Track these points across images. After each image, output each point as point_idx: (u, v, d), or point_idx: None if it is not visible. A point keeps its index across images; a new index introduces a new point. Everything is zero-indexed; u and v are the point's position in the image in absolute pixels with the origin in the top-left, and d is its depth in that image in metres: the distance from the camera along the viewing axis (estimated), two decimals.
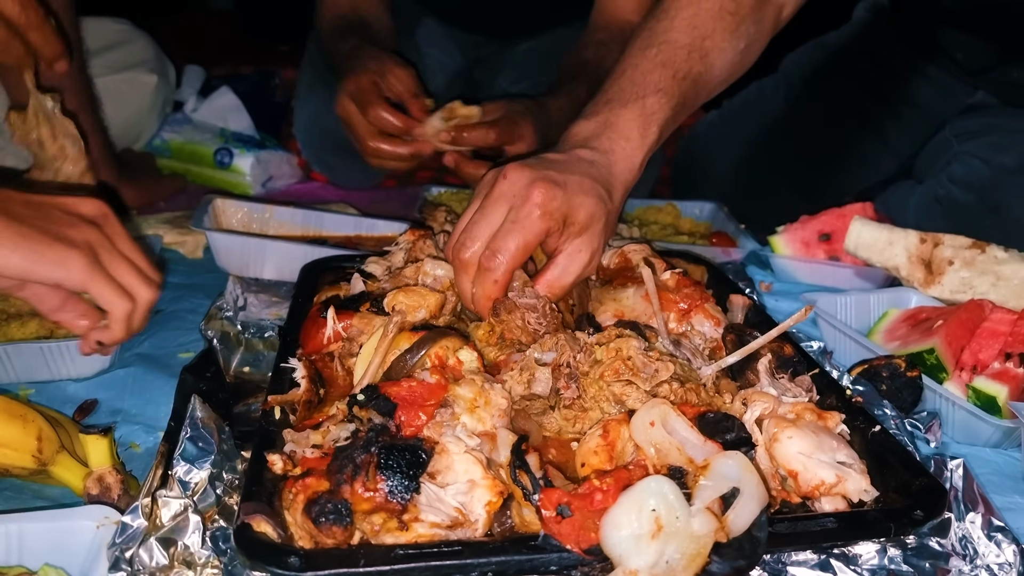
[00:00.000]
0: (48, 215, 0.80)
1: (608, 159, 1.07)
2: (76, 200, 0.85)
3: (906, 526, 0.77)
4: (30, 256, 0.77)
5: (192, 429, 0.83)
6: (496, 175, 1.01)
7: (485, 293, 0.99)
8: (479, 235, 0.98)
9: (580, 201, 1.00)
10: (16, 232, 0.76)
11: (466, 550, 0.70)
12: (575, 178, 1.01)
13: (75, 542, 0.74)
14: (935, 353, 1.14)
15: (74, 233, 0.81)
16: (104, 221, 0.86)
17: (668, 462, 0.75)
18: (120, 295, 0.83)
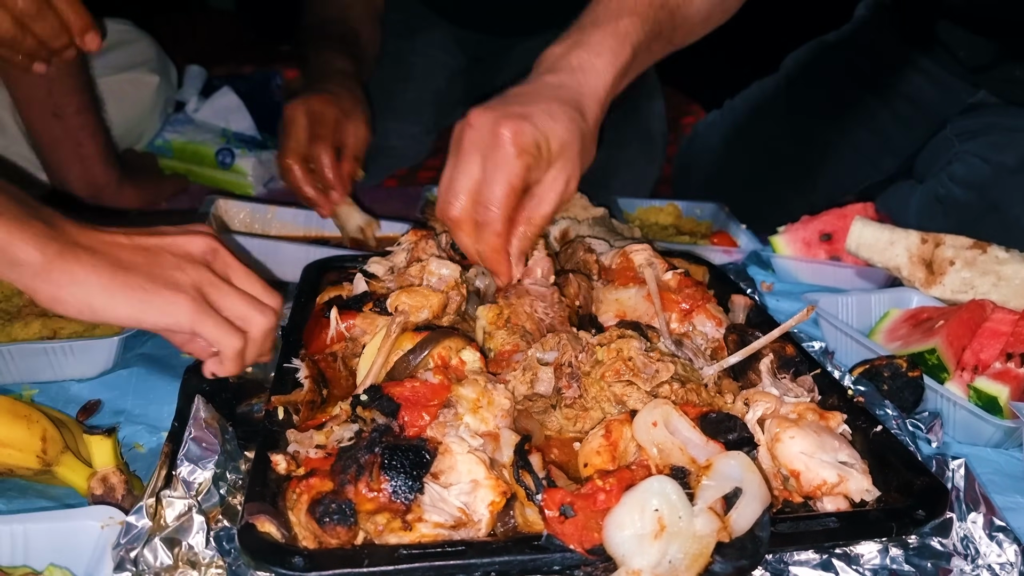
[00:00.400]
0: (156, 260, 0.81)
1: (577, 78, 1.04)
2: (184, 239, 0.85)
3: (908, 526, 0.77)
4: (137, 306, 0.78)
5: (196, 429, 0.83)
6: (462, 127, 0.99)
7: (491, 247, 0.99)
8: (461, 189, 0.98)
9: (550, 128, 0.98)
10: (123, 282, 0.78)
11: (470, 550, 0.70)
12: (541, 107, 0.99)
13: (80, 542, 0.74)
14: (936, 353, 1.14)
15: (181, 277, 0.81)
16: (214, 257, 0.87)
17: (670, 462, 0.76)
18: (228, 332, 0.83)
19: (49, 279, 0.76)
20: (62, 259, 0.76)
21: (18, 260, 0.75)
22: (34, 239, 0.75)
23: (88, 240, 0.79)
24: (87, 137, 1.70)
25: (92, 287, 0.77)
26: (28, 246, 0.75)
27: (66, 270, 0.76)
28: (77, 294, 0.77)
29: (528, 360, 0.95)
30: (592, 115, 1.04)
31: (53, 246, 0.76)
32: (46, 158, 1.73)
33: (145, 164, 2.01)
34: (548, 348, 0.96)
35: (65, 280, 0.76)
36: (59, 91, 1.64)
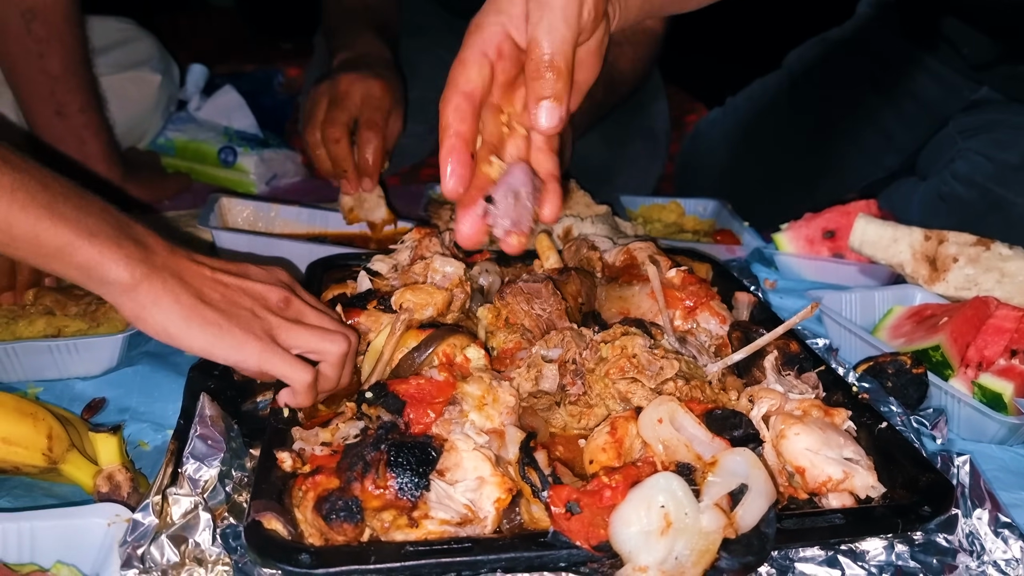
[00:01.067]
0: (233, 299, 0.85)
1: None
2: (263, 288, 0.88)
3: (913, 522, 0.77)
4: (211, 340, 0.82)
5: (201, 427, 0.84)
6: None
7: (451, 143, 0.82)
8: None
9: None
10: (201, 315, 0.81)
11: (476, 547, 0.70)
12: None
13: (87, 540, 0.74)
14: (940, 350, 1.14)
15: (253, 320, 0.85)
16: (287, 305, 0.90)
17: (676, 459, 0.76)
18: (296, 367, 0.86)
19: (135, 299, 0.80)
20: (149, 282, 0.80)
21: (108, 279, 0.79)
22: (125, 260, 0.78)
23: (176, 265, 0.83)
24: (90, 136, 1.70)
25: (173, 314, 0.81)
26: (119, 267, 0.78)
27: (151, 293, 0.80)
28: (157, 317, 0.80)
29: (532, 358, 0.95)
30: None
31: (142, 268, 0.79)
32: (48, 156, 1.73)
33: (148, 162, 2.01)
34: (552, 345, 0.96)
35: (149, 302, 0.80)
36: (62, 89, 1.64)
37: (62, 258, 0.77)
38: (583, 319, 1.09)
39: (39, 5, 1.55)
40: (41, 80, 1.61)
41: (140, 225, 0.84)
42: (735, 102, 2.26)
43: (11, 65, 1.59)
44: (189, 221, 1.60)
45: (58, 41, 1.60)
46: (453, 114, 0.81)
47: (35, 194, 0.75)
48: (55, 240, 0.76)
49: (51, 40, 1.59)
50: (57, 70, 1.62)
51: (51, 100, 1.64)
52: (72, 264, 0.78)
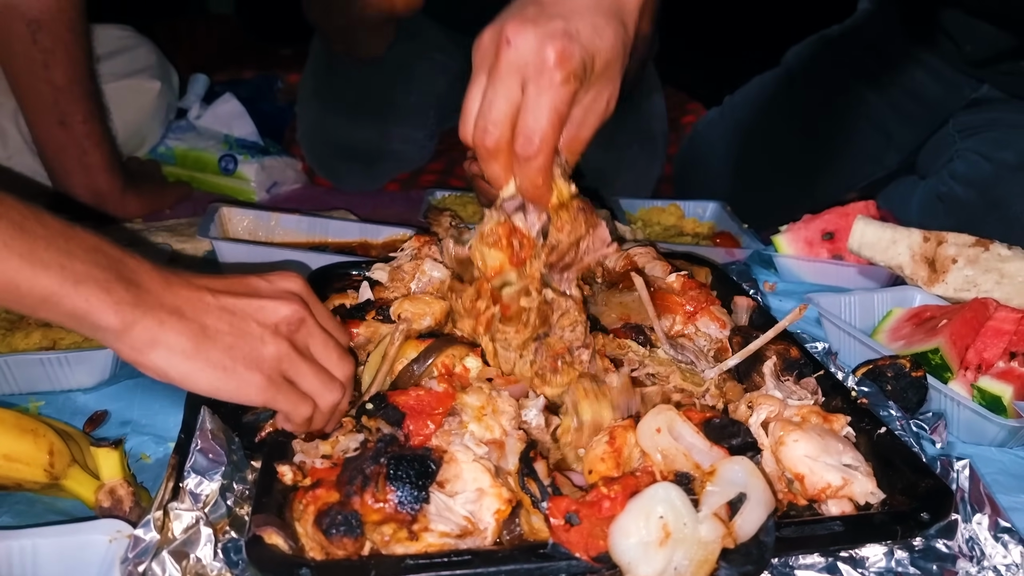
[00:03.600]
0: (240, 329, 0.80)
1: None
2: (273, 306, 0.83)
3: (913, 528, 0.78)
4: (215, 381, 0.78)
5: (202, 441, 0.84)
6: (496, 40, 0.86)
7: (533, 183, 0.89)
8: (500, 117, 0.87)
9: (597, 46, 0.87)
10: (205, 356, 0.77)
11: (476, 559, 0.70)
12: (587, 20, 0.87)
13: (88, 556, 0.74)
14: (940, 353, 1.14)
15: (261, 352, 0.81)
16: (299, 327, 0.85)
17: (675, 468, 0.76)
18: (297, 405, 0.83)
19: (130, 344, 0.75)
20: (143, 324, 0.75)
21: (100, 326, 0.74)
22: (115, 306, 0.74)
23: (173, 299, 0.78)
24: (92, 146, 1.70)
25: (174, 355, 0.76)
26: (108, 314, 0.74)
27: (147, 336, 0.75)
28: (157, 359, 0.76)
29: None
30: (632, 23, 0.92)
31: (134, 312, 0.75)
32: (50, 166, 1.73)
33: (148, 171, 2.02)
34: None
35: (145, 346, 0.76)
36: (66, 99, 1.64)
37: (48, 308, 0.73)
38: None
39: (45, 16, 1.56)
40: (45, 90, 1.62)
41: (134, 259, 0.78)
42: (733, 101, 2.25)
43: (15, 75, 1.60)
44: (189, 230, 1.60)
45: (63, 52, 1.60)
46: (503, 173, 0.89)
47: (11, 241, 0.69)
48: (38, 291, 0.71)
49: (56, 51, 1.59)
50: (61, 81, 1.62)
51: (54, 110, 1.64)
52: (60, 313, 0.73)
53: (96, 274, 0.74)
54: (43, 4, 1.55)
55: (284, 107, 2.56)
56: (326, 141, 2.02)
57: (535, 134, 0.85)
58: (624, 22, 0.90)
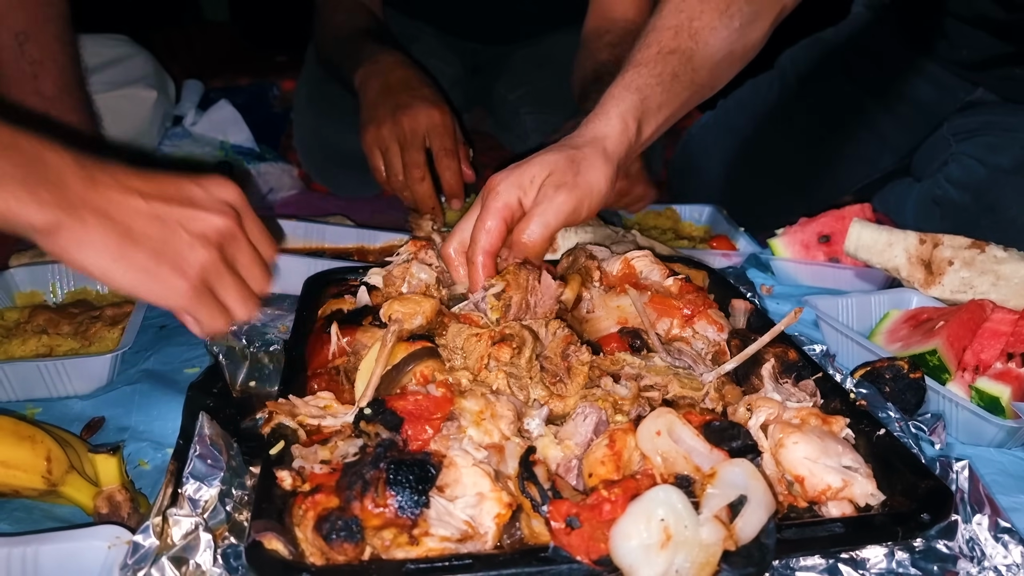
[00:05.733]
0: (168, 235, 0.81)
1: (581, 127, 1.13)
2: (205, 217, 0.84)
3: (913, 529, 0.78)
4: (139, 282, 0.80)
5: (200, 446, 0.83)
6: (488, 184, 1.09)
7: (473, 283, 1.06)
8: (457, 230, 1.10)
9: (532, 162, 1.06)
10: (130, 258, 0.79)
11: (476, 563, 0.70)
12: (536, 156, 1.08)
13: (87, 562, 0.74)
14: (937, 354, 1.14)
15: (188, 259, 0.82)
16: (230, 239, 0.87)
17: (675, 471, 0.76)
18: (215, 317, 0.86)
19: (56, 243, 0.77)
20: (68, 225, 0.76)
21: (27, 227, 0.75)
22: (38, 206, 0.74)
23: (99, 200, 0.78)
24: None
25: (99, 254, 0.78)
26: (33, 214, 0.74)
27: (72, 236, 0.76)
28: (81, 259, 0.78)
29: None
30: (591, 148, 1.10)
31: (58, 212, 0.75)
32: None
33: None
34: None
35: (72, 245, 0.77)
36: (57, 110, 1.64)
37: None
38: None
39: (32, 27, 1.56)
40: (35, 101, 1.62)
41: (55, 153, 0.78)
42: (726, 105, 2.25)
43: (5, 87, 1.60)
44: None
45: (51, 62, 1.61)
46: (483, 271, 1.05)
47: None
48: None
49: (44, 61, 1.59)
50: (51, 91, 1.62)
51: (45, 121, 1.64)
52: None
53: (16, 174, 0.74)
54: (30, 15, 1.56)
55: (280, 113, 2.57)
56: (322, 147, 2.02)
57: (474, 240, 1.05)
58: (578, 147, 1.10)
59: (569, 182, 1.06)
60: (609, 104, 1.14)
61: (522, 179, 1.06)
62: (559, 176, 1.06)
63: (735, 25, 1.21)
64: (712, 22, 1.19)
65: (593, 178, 1.08)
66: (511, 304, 1.02)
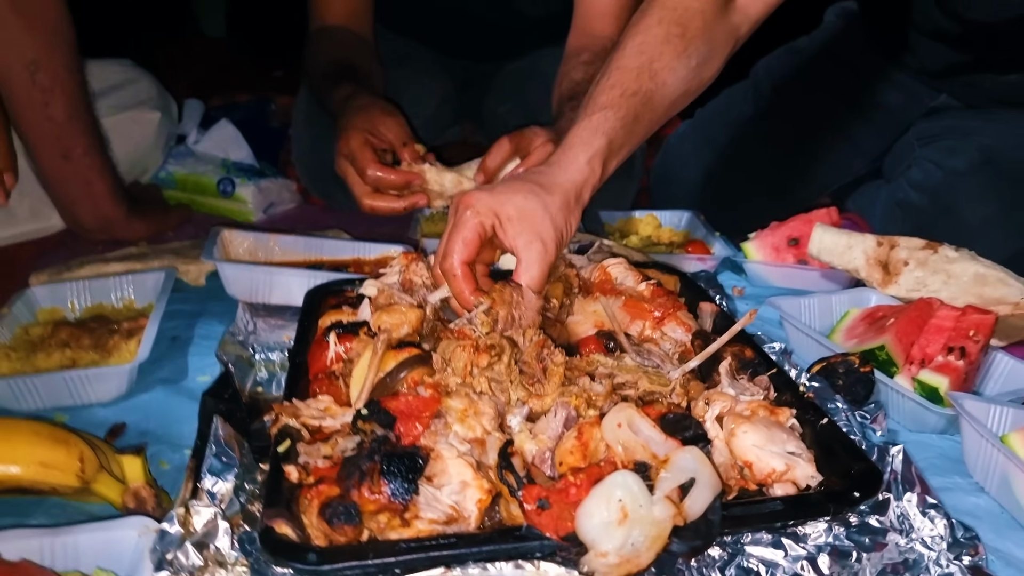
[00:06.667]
0: None
1: (551, 168, 1.20)
2: None
3: (844, 506, 0.88)
4: None
5: (216, 446, 0.94)
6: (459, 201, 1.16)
7: (455, 292, 1.14)
8: (437, 252, 1.17)
9: (507, 197, 1.13)
10: None
11: (461, 542, 0.80)
12: (507, 184, 1.17)
13: (120, 549, 0.84)
14: (885, 349, 1.24)
15: None
16: None
17: (635, 458, 0.86)
18: None
19: None
20: None
21: None
22: None
23: None
24: (95, 176, 1.80)
25: None
26: None
27: None
28: None
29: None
30: (561, 194, 1.17)
31: None
32: (58, 197, 1.83)
33: (151, 196, 2.12)
34: None
35: None
36: (67, 135, 1.73)
37: None
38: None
39: (42, 57, 1.65)
40: (47, 127, 1.71)
41: None
42: (703, 114, 2.35)
43: (18, 114, 1.69)
44: (193, 252, 1.69)
45: (61, 89, 1.70)
46: (463, 281, 1.13)
47: None
48: None
49: (54, 89, 1.68)
50: (61, 117, 1.71)
51: (57, 145, 1.73)
52: None
53: None
54: (39, 46, 1.64)
55: (277, 128, 2.67)
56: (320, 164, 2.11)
57: (447, 253, 1.14)
58: (547, 189, 1.17)
59: (546, 235, 1.14)
60: (579, 149, 1.20)
61: (500, 211, 1.13)
62: (535, 225, 1.13)
63: (692, 64, 1.27)
64: (671, 63, 1.25)
65: (563, 227, 1.17)
66: (498, 319, 1.11)
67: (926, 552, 0.89)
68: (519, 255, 1.14)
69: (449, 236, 1.14)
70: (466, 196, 1.15)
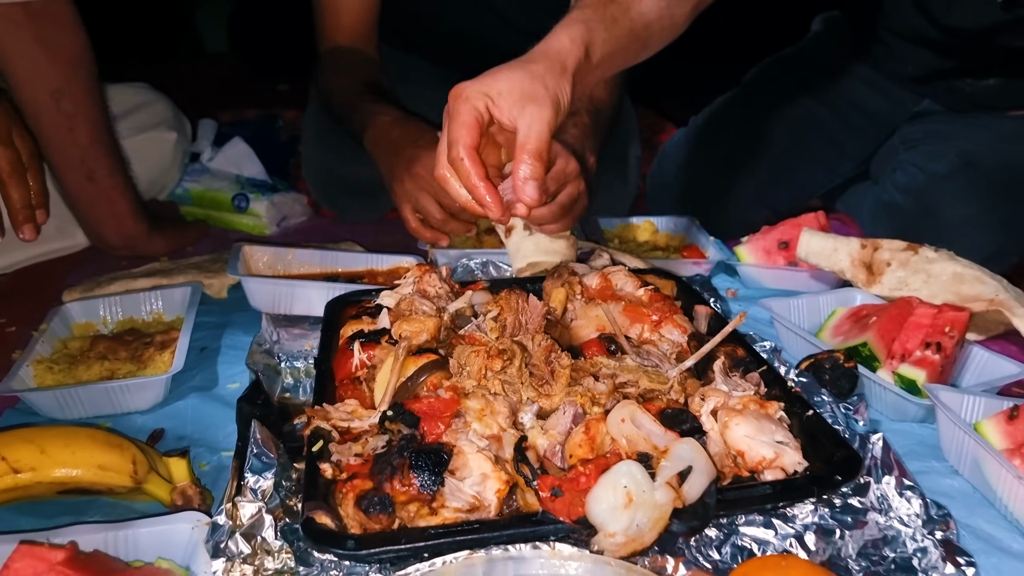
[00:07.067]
0: None
1: (533, 51, 1.17)
2: None
3: (827, 488, 0.97)
4: None
5: (256, 447, 1.03)
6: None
7: (469, 184, 1.12)
8: (439, 152, 1.15)
9: (493, 77, 1.12)
10: None
11: (483, 527, 0.89)
12: (497, 71, 1.14)
13: (176, 540, 0.93)
14: (868, 346, 1.34)
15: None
16: None
17: (637, 449, 0.95)
18: None
19: None
20: None
21: None
22: None
23: None
24: (119, 195, 1.88)
25: None
26: None
27: None
28: None
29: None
30: (544, 61, 1.14)
31: None
32: (83, 216, 1.92)
33: (169, 213, 2.21)
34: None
35: None
36: (91, 157, 1.82)
37: None
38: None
39: (65, 85, 1.74)
40: (72, 151, 1.79)
41: None
42: (697, 122, 2.43)
43: (45, 139, 1.77)
44: (214, 266, 1.78)
45: (84, 115, 1.78)
46: (472, 166, 1.10)
47: None
48: None
49: (78, 115, 1.77)
50: (85, 140, 1.80)
51: (82, 167, 1.82)
52: None
53: None
54: (63, 74, 1.73)
55: (286, 142, 2.77)
56: (330, 178, 2.21)
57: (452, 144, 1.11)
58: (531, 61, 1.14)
59: (539, 96, 1.10)
60: (558, 29, 1.19)
61: (489, 90, 1.10)
62: (527, 90, 1.10)
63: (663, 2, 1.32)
64: None
65: (556, 90, 1.13)
66: (506, 324, 1.20)
67: (903, 529, 0.98)
68: (517, 124, 1.11)
69: (447, 129, 1.12)
70: (454, 89, 1.12)
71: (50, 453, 1.00)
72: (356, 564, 0.91)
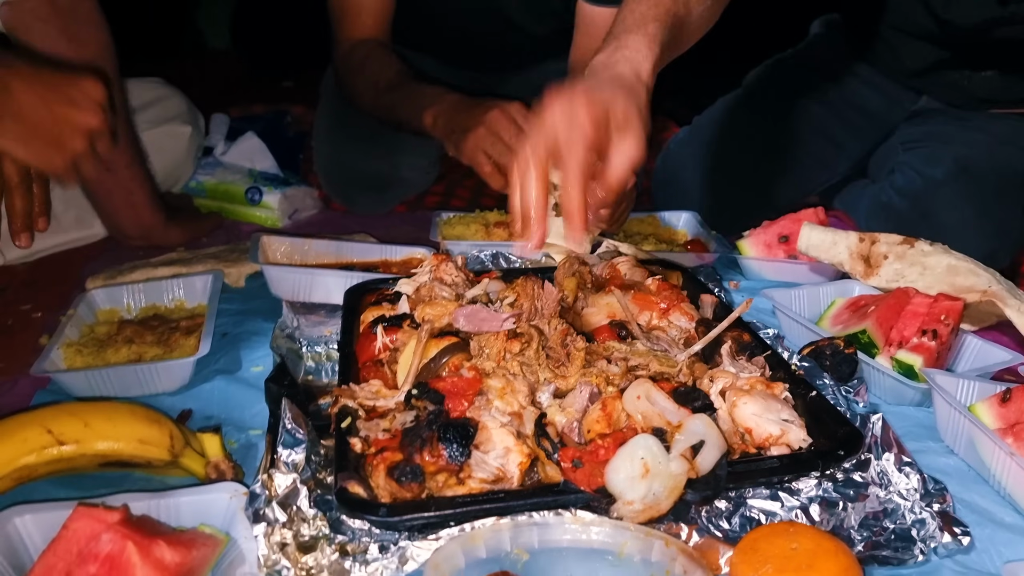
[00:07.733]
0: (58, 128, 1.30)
1: (624, 70, 1.20)
2: (80, 114, 1.33)
3: (831, 462, 1.03)
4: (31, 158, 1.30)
5: (287, 423, 1.08)
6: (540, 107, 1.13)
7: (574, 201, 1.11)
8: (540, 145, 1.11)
9: (614, 96, 1.13)
10: (27, 144, 1.29)
11: (507, 496, 0.95)
12: (606, 85, 1.15)
13: (215, 509, 0.98)
14: (867, 333, 1.39)
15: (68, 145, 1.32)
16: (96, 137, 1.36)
17: (652, 425, 1.01)
18: (72, 179, 1.40)
19: None
20: None
21: None
22: None
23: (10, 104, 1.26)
24: (136, 187, 1.93)
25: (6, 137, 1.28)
26: None
27: None
28: None
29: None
30: (642, 96, 1.19)
31: None
32: (101, 207, 1.97)
33: (183, 205, 2.26)
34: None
35: None
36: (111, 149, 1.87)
37: None
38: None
39: None
40: None
41: None
42: (700, 121, 2.49)
43: None
44: (231, 255, 1.83)
45: None
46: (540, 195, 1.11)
47: None
48: None
49: None
50: None
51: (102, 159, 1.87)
52: None
53: None
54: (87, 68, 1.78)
55: (295, 137, 2.82)
56: (341, 173, 2.26)
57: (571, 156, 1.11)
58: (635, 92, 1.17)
59: (634, 127, 1.13)
60: (644, 49, 1.22)
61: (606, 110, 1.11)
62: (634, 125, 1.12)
63: (709, 1, 1.38)
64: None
65: (648, 123, 1.16)
66: (523, 309, 1.26)
67: (902, 502, 1.04)
68: (610, 156, 1.13)
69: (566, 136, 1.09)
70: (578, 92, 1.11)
71: (93, 426, 1.05)
72: (387, 531, 0.96)
